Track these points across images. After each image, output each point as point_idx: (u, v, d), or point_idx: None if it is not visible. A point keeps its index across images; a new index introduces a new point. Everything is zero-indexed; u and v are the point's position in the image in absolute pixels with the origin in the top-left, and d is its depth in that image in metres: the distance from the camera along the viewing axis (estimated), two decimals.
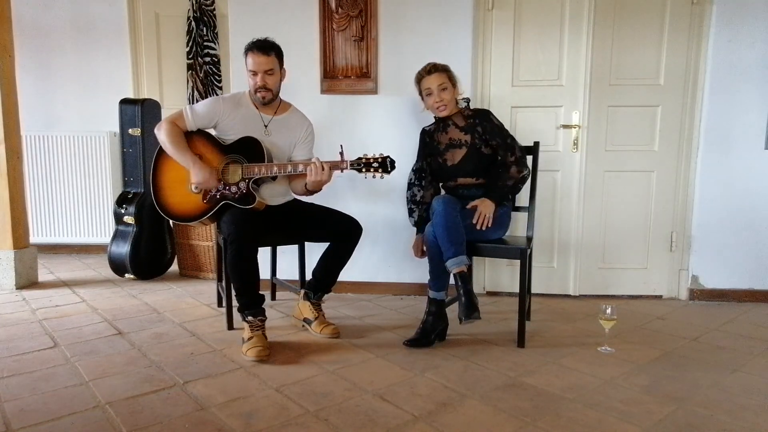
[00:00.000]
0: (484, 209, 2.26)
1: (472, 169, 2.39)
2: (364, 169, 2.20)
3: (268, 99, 2.34)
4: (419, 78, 2.41)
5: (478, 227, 2.26)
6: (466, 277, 2.11)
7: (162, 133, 2.28)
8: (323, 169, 2.17)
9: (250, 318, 2.16)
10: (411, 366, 2.02)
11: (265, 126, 2.37)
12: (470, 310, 2.06)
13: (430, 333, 2.23)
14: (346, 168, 2.20)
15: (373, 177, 2.21)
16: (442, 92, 2.35)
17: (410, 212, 2.51)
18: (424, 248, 2.31)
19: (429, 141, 2.51)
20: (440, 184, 2.54)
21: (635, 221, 2.99)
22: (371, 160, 2.19)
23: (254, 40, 2.30)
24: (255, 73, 2.28)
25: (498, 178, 2.34)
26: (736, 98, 2.82)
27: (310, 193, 2.32)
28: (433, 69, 2.37)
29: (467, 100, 2.51)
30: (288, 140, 2.43)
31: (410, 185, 2.52)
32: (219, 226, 2.30)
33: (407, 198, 2.52)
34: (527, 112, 2.95)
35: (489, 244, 2.28)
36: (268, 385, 1.84)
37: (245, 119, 2.35)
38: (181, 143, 2.27)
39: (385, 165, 2.18)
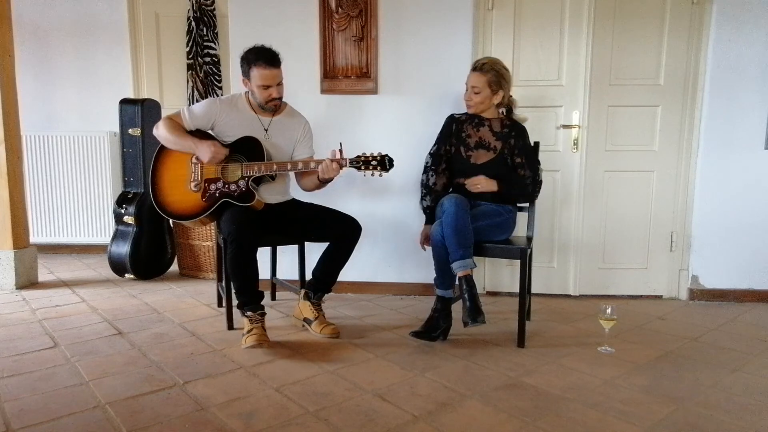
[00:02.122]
0: (485, 182, 2.32)
1: (493, 175, 2.38)
2: (363, 167, 2.21)
3: (278, 106, 2.37)
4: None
5: (467, 187, 2.34)
6: (471, 281, 2.11)
7: (160, 129, 2.29)
8: (334, 166, 2.20)
9: (249, 313, 2.17)
10: (411, 366, 2.02)
11: (266, 130, 2.38)
12: (476, 313, 2.06)
13: (436, 328, 2.23)
14: (345, 166, 2.21)
15: (372, 175, 2.22)
16: (473, 94, 2.39)
17: (422, 197, 2.50)
18: (430, 246, 2.31)
19: (456, 129, 2.49)
20: (453, 180, 2.52)
21: (635, 221, 2.99)
22: (370, 159, 2.21)
23: (258, 51, 2.25)
24: (267, 87, 2.27)
25: (514, 181, 2.38)
26: (736, 98, 2.82)
27: (323, 184, 2.34)
28: (477, 67, 2.40)
29: (509, 111, 2.50)
30: (288, 141, 2.43)
31: (426, 169, 2.51)
32: (219, 225, 2.30)
33: (422, 181, 2.51)
34: (527, 112, 2.93)
35: (489, 244, 2.28)
36: (268, 385, 1.84)
37: (243, 123, 2.35)
38: (180, 132, 2.29)
39: (384, 163, 2.20)
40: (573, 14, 2.85)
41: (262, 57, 2.24)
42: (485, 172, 2.38)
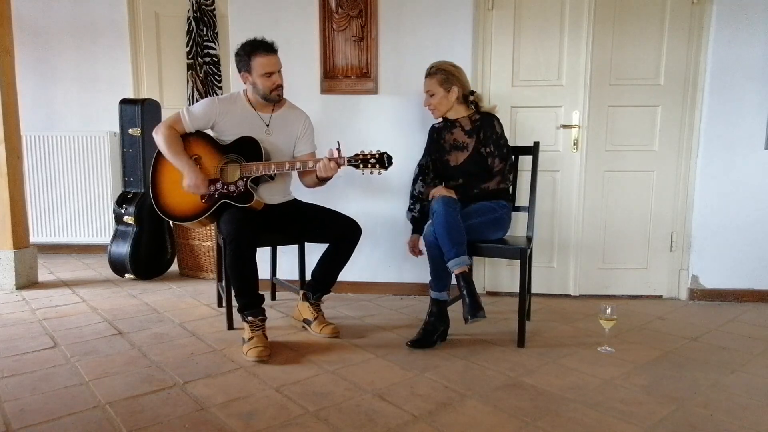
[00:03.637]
0: (444, 190, 2.26)
1: (471, 173, 2.38)
2: (361, 165, 2.21)
3: (281, 96, 2.36)
4: None
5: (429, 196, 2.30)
6: (468, 277, 2.10)
7: (159, 137, 2.28)
8: (332, 166, 2.20)
9: (250, 318, 2.16)
10: (411, 366, 2.02)
11: (267, 125, 2.37)
12: (475, 309, 2.06)
13: (432, 333, 2.22)
14: (344, 164, 2.21)
15: (371, 173, 2.22)
16: (429, 98, 2.44)
17: (409, 207, 2.53)
18: (424, 249, 2.32)
19: (436, 138, 2.54)
20: (443, 184, 2.54)
21: (635, 221, 2.99)
22: (368, 157, 2.20)
23: (253, 42, 2.26)
24: (271, 74, 2.27)
25: (480, 179, 2.35)
26: (736, 98, 2.82)
27: (322, 182, 2.34)
28: (427, 73, 2.44)
29: (476, 105, 2.50)
30: (288, 137, 2.43)
31: (414, 180, 2.56)
32: (218, 226, 2.30)
33: (410, 192, 2.55)
34: (527, 112, 2.95)
35: (489, 244, 2.28)
36: (268, 385, 1.84)
37: (243, 120, 2.35)
38: (177, 146, 2.28)
39: (383, 161, 2.20)
40: (573, 14, 2.85)
41: (260, 45, 2.25)
42: (463, 171, 2.40)
